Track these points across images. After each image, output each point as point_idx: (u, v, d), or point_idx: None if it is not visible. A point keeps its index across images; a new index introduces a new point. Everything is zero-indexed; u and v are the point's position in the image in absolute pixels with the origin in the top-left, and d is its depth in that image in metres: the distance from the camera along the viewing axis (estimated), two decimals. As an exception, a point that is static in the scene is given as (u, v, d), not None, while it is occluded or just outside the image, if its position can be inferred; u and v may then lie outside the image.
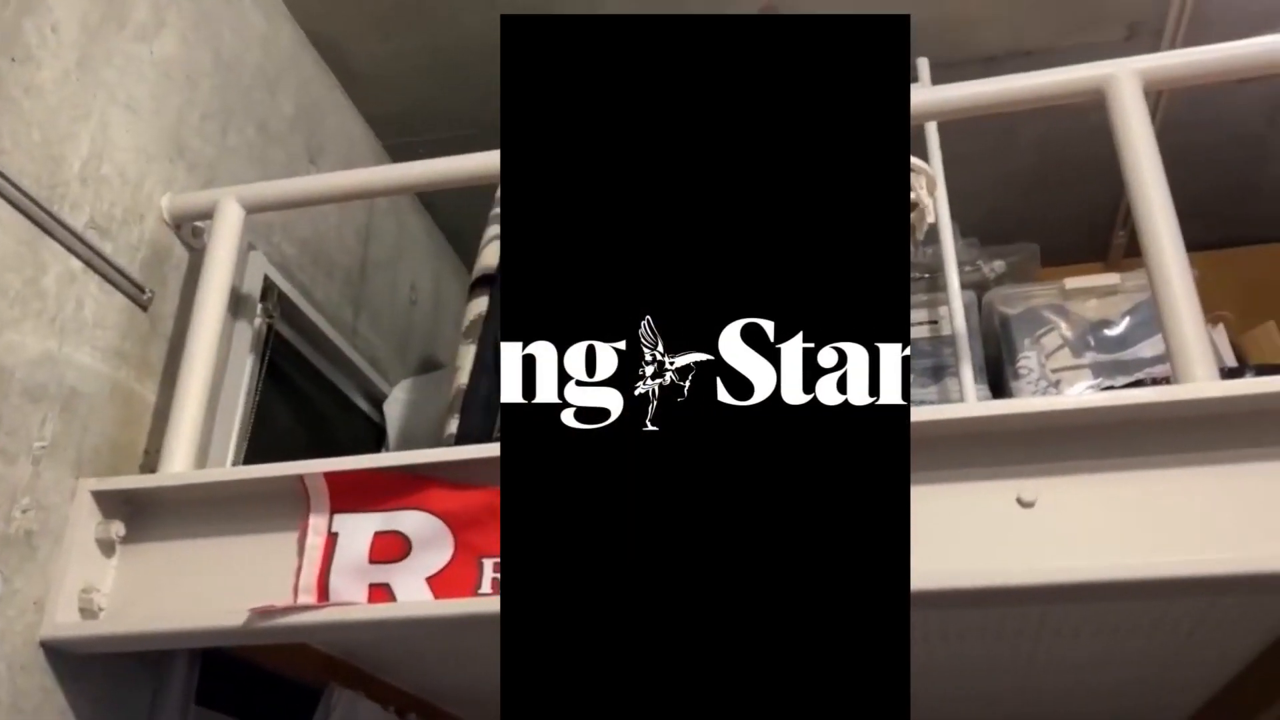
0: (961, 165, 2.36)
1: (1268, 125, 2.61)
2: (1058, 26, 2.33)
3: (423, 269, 2.89)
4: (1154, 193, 1.30)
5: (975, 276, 2.54)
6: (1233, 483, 1.17)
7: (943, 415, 1.22)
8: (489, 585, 1.33)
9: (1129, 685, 2.00)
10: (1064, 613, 1.61)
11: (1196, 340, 1.20)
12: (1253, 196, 2.87)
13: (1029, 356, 2.37)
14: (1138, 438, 1.19)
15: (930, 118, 1.97)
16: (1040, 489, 1.20)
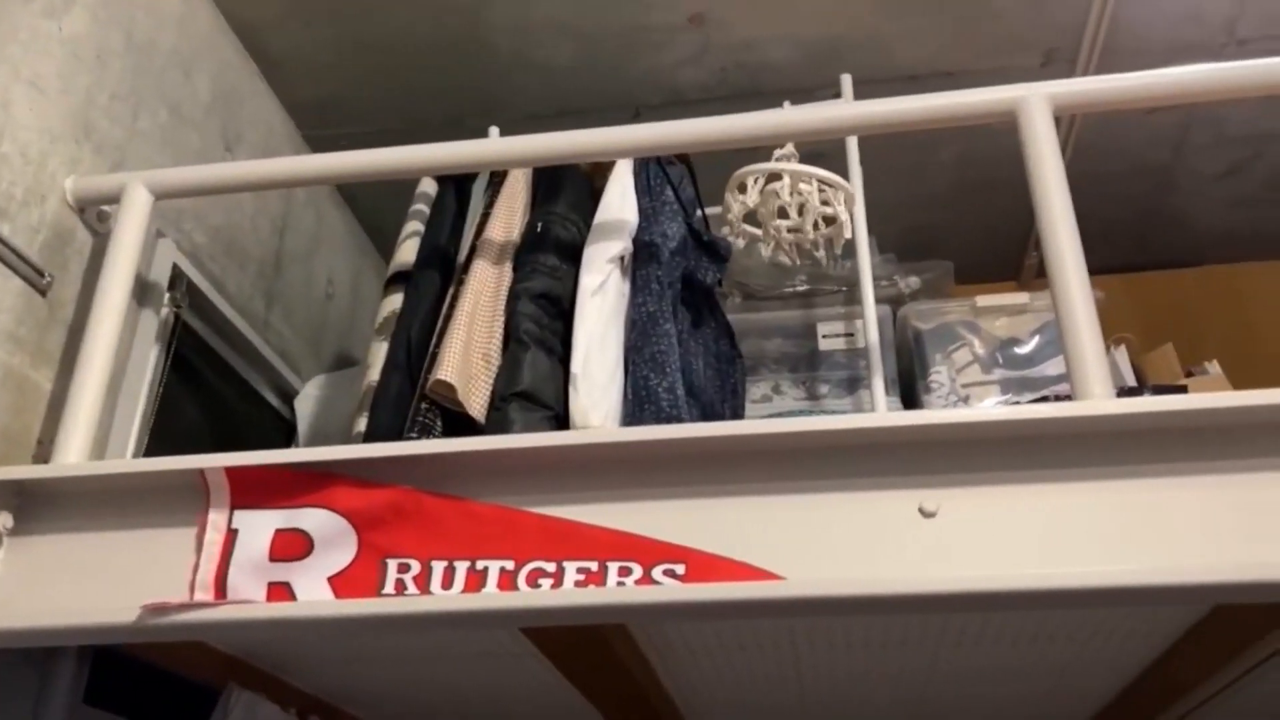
0: (881, 182, 2.41)
1: (1172, 155, 2.71)
2: (978, 50, 2.39)
3: (341, 263, 2.84)
4: (1059, 214, 1.34)
5: (891, 291, 2.59)
6: (1126, 497, 1.20)
7: (847, 425, 1.24)
8: (392, 586, 1.31)
9: (1026, 695, 2.06)
10: (964, 622, 1.64)
11: (1095, 359, 1.24)
12: (1157, 223, 2.98)
13: (940, 371, 2.42)
14: (1037, 451, 1.22)
15: (850, 132, 2.00)
16: (942, 499, 1.22)
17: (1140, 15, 2.28)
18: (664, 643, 1.77)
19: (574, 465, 1.30)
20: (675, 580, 1.23)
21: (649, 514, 1.27)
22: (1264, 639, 1.50)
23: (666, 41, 2.40)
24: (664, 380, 1.58)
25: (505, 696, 2.12)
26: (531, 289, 1.65)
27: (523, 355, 1.57)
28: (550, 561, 1.27)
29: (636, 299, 1.68)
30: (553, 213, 1.78)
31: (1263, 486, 1.17)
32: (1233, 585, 1.16)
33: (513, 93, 2.51)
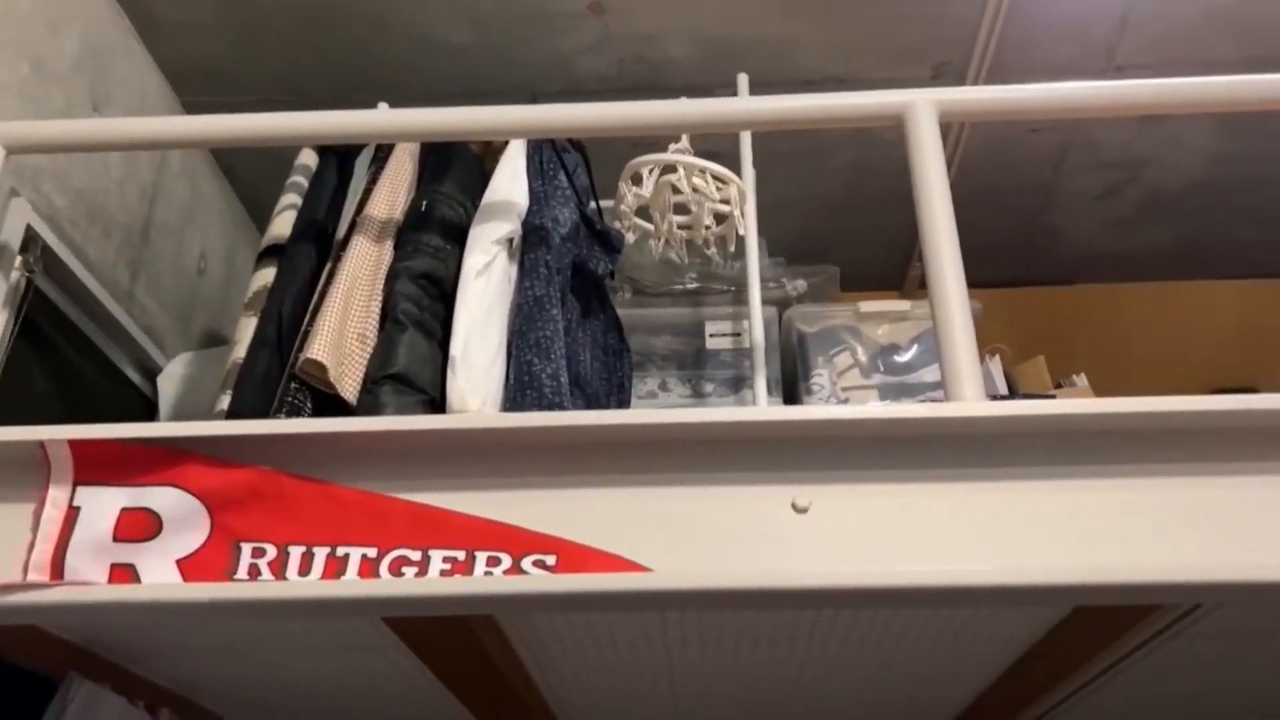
0: (774, 185, 2.43)
1: (1053, 173, 2.81)
2: (872, 59, 2.43)
3: (216, 237, 2.71)
4: (940, 217, 1.36)
5: (778, 293, 2.61)
6: (992, 497, 1.22)
7: (722, 419, 1.23)
8: (245, 571, 1.24)
9: (895, 693, 2.09)
10: (834, 620, 1.66)
11: (968, 362, 1.26)
12: (1036, 240, 3.08)
13: (822, 374, 2.45)
14: (908, 451, 1.23)
15: (743, 127, 2.00)
16: (814, 495, 1.22)
17: (1026, 36, 2.34)
18: (534, 636, 1.74)
19: (446, 451, 1.26)
20: (545, 571, 1.20)
21: (522, 503, 1.23)
22: (1121, 639, 1.55)
23: (567, 28, 2.37)
24: (548, 366, 1.54)
25: (370, 691, 2.06)
26: (412, 268, 1.60)
27: (399, 336, 1.51)
28: (416, 549, 1.22)
29: (524, 283, 1.64)
30: (439, 192, 1.73)
31: (1121, 490, 1.20)
32: (1092, 586, 1.18)
33: (405, 71, 2.44)
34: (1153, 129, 2.64)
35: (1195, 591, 1.22)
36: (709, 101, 1.68)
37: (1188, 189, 2.86)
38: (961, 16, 2.31)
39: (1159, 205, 2.92)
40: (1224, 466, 1.19)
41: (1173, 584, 1.15)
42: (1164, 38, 2.36)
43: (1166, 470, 1.20)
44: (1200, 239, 3.07)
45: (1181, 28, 2.35)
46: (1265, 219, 3.00)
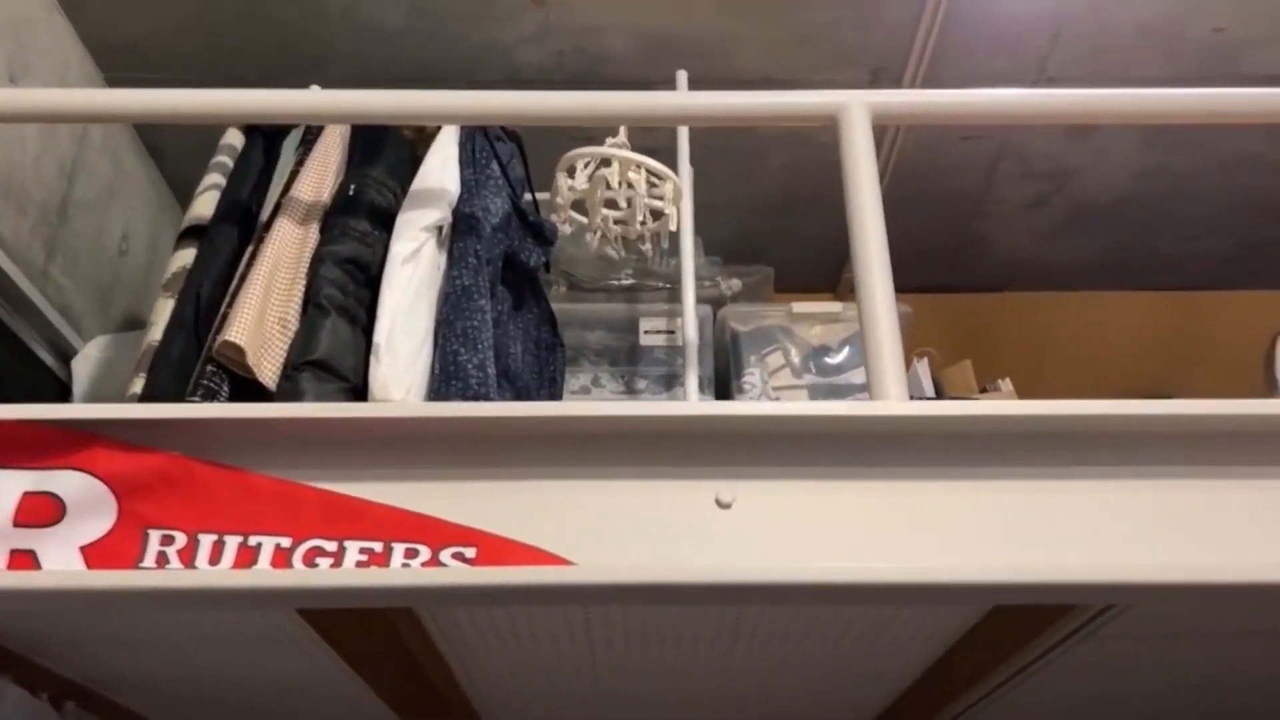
0: (712, 185, 2.44)
1: (984, 182, 2.86)
2: (810, 62, 2.45)
3: (139, 218, 2.64)
4: (870, 220, 1.37)
5: (713, 292, 2.62)
6: (914, 497, 1.23)
7: (647, 412, 1.22)
8: (152, 559, 1.20)
9: (818, 690, 2.11)
10: (757, 617, 1.66)
11: (892, 362, 1.26)
12: (966, 247, 3.13)
13: (753, 373, 2.46)
14: (833, 449, 1.23)
15: (679, 122, 2.00)
16: (738, 491, 1.21)
17: (961, 45, 2.38)
18: (455, 630, 1.71)
19: (365, 440, 1.23)
20: (464, 564, 1.18)
21: (442, 494, 1.21)
22: (1039, 637, 1.58)
23: (507, 18, 2.34)
24: (474, 356, 1.52)
25: (288, 684, 2.01)
26: (338, 253, 1.57)
27: (322, 321, 1.48)
28: (331, 540, 1.19)
29: (452, 271, 1.62)
30: (369, 176, 1.70)
31: (1040, 492, 1.21)
32: (1010, 586, 1.20)
33: (338, 53, 2.40)
34: (1082, 141, 2.70)
35: (1107, 592, 1.23)
36: (644, 95, 1.66)
37: (1113, 202, 2.94)
38: (898, 23, 2.34)
39: (1085, 217, 2.99)
40: (1138, 470, 1.21)
41: (1086, 585, 1.17)
42: (1095, 52, 2.42)
43: (1082, 473, 1.21)
44: (1123, 251, 3.15)
45: (1112, 43, 2.40)
46: (1185, 234, 3.09)
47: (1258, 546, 1.21)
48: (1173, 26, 2.36)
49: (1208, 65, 2.45)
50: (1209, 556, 1.19)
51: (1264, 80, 2.50)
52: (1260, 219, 3.03)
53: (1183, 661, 1.81)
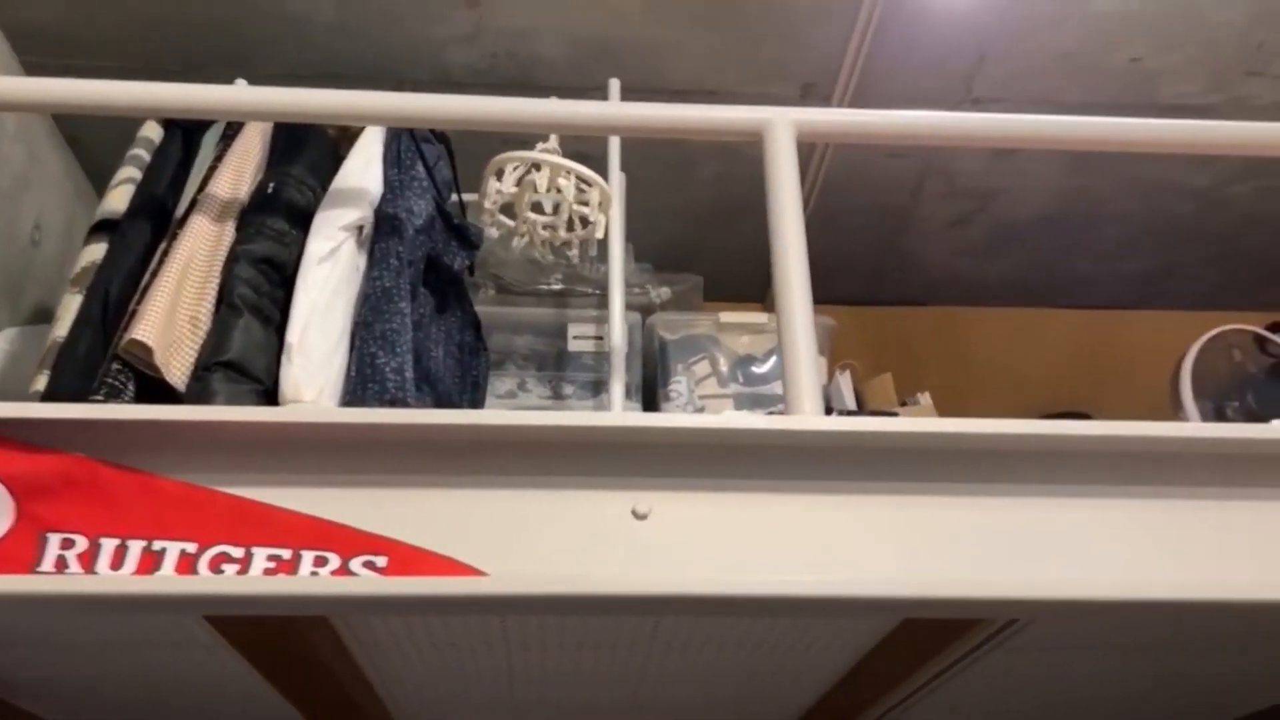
0: (644, 192, 2.44)
1: (910, 199, 2.91)
2: (742, 75, 2.47)
3: (54, 209, 2.55)
4: (791, 235, 1.38)
5: (642, 299, 2.63)
6: (827, 510, 1.24)
7: (563, 422, 1.21)
8: (51, 563, 1.16)
9: (734, 699, 2.12)
10: (674, 626, 1.66)
11: (808, 377, 1.28)
12: (892, 262, 3.19)
13: (680, 381, 2.47)
14: (749, 461, 1.24)
15: (609, 131, 2.00)
16: (655, 502, 1.21)
17: (889, 65, 2.42)
18: (370, 638, 1.68)
19: (276, 444, 1.20)
20: (375, 573, 1.16)
21: (354, 502, 1.19)
22: (945, 650, 1.60)
23: (439, 17, 2.32)
24: (392, 359, 1.50)
25: (200, 690, 1.96)
26: (253, 252, 1.53)
27: (234, 321, 1.45)
28: (238, 546, 1.17)
29: (372, 273, 1.60)
30: (288, 174, 1.66)
31: (949, 507, 1.24)
32: (918, 600, 1.22)
33: (265, 47, 2.35)
34: (1004, 163, 2.77)
35: (1011, 607, 1.27)
36: (574, 104, 1.66)
37: (1034, 221, 3.01)
38: (829, 41, 2.37)
39: (1007, 235, 3.06)
40: (1042, 488, 1.24)
41: (990, 600, 1.19)
42: (1017, 76, 2.48)
43: (990, 489, 1.24)
44: (1043, 270, 3.23)
45: (1034, 68, 2.47)
46: (1102, 254, 3.18)
47: (1158, 563, 1.25)
48: (1092, 55, 2.43)
49: (1126, 93, 2.53)
50: (1111, 574, 1.23)
51: (1178, 109, 2.59)
52: (1173, 241, 3.13)
53: (1086, 673, 1.86)
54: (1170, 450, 1.28)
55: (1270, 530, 1.28)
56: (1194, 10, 2.33)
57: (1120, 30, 2.37)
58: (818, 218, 2.91)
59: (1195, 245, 3.15)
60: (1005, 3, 2.30)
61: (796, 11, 2.30)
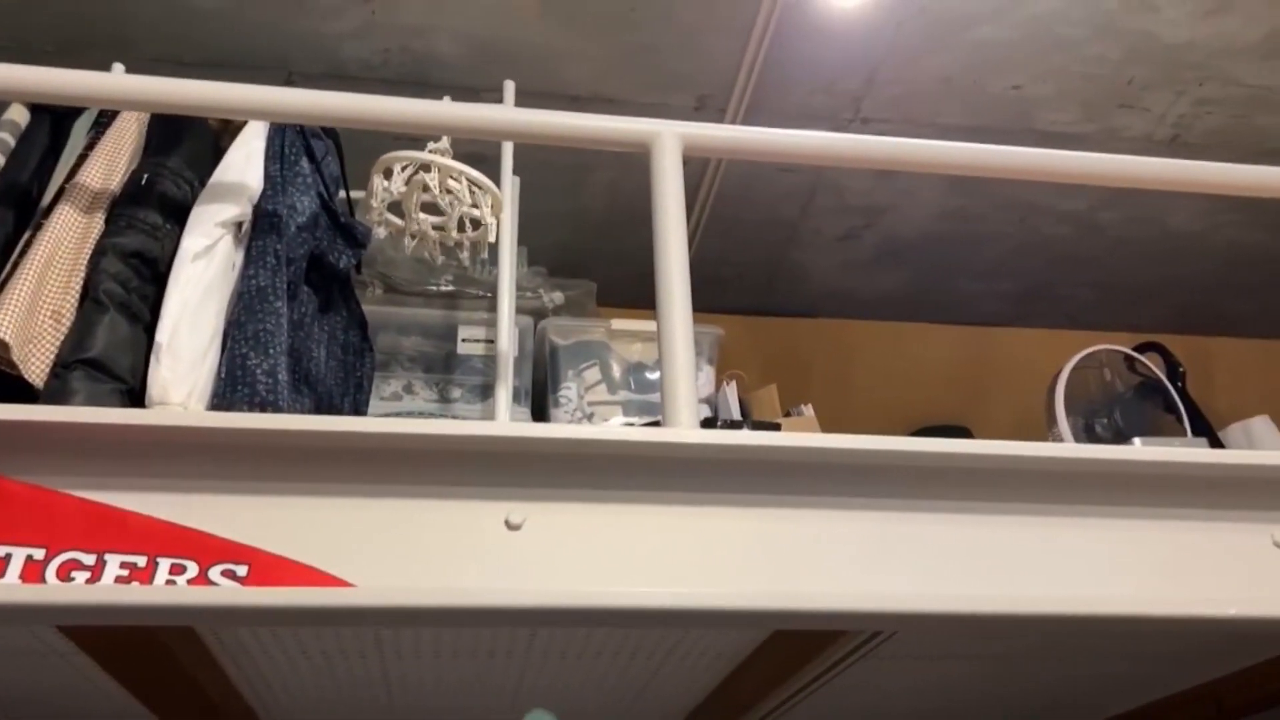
0: (540, 196, 2.43)
1: (800, 213, 2.96)
2: (639, 83, 2.48)
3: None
4: (674, 248, 1.40)
5: (535, 303, 2.61)
6: (700, 522, 1.26)
7: (434, 430, 1.20)
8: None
9: (613, 706, 2.13)
10: (551, 635, 1.66)
11: (685, 391, 1.29)
12: (784, 273, 3.24)
13: (570, 387, 2.47)
14: (623, 473, 1.25)
15: (498, 136, 1.99)
16: (529, 513, 1.21)
17: (782, 81, 2.47)
18: (237, 646, 1.64)
19: (134, 447, 1.17)
20: (235, 582, 1.13)
21: (217, 508, 1.16)
22: (815, 659, 1.64)
23: (331, 10, 2.27)
24: (264, 361, 1.46)
25: (58, 701, 1.88)
26: (122, 245, 1.47)
27: (99, 318, 1.39)
28: (90, 553, 1.12)
29: (248, 271, 1.55)
30: (164, 165, 1.61)
31: (816, 521, 1.26)
32: (783, 612, 1.24)
33: (146, 30, 2.27)
34: (891, 181, 2.84)
35: (873, 620, 1.30)
36: (465, 106, 1.65)
37: (918, 239, 3.10)
38: (724, 55, 2.40)
39: (893, 251, 3.15)
40: (906, 503, 1.28)
41: (854, 612, 1.22)
42: (904, 98, 2.55)
43: (856, 504, 1.27)
44: (926, 286, 3.33)
45: (920, 91, 2.54)
46: (983, 272, 3.29)
47: (1014, 578, 1.30)
48: (974, 81, 2.51)
49: (1005, 119, 2.63)
50: (971, 587, 1.27)
51: (1054, 136, 2.70)
52: (1049, 262, 3.26)
53: (952, 680, 1.92)
54: (1029, 468, 1.34)
55: (1118, 546, 1.34)
56: (1071, 44, 2.43)
57: (1002, 59, 2.46)
58: (712, 227, 2.94)
59: (1070, 266, 3.28)
60: (894, 27, 2.36)
61: (693, 24, 2.32)
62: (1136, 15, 2.35)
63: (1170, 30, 2.39)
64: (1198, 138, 2.73)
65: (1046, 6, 2.32)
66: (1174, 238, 3.15)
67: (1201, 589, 1.35)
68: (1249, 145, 2.74)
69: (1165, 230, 3.13)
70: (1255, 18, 2.35)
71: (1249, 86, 2.55)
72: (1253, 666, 1.83)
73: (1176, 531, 1.38)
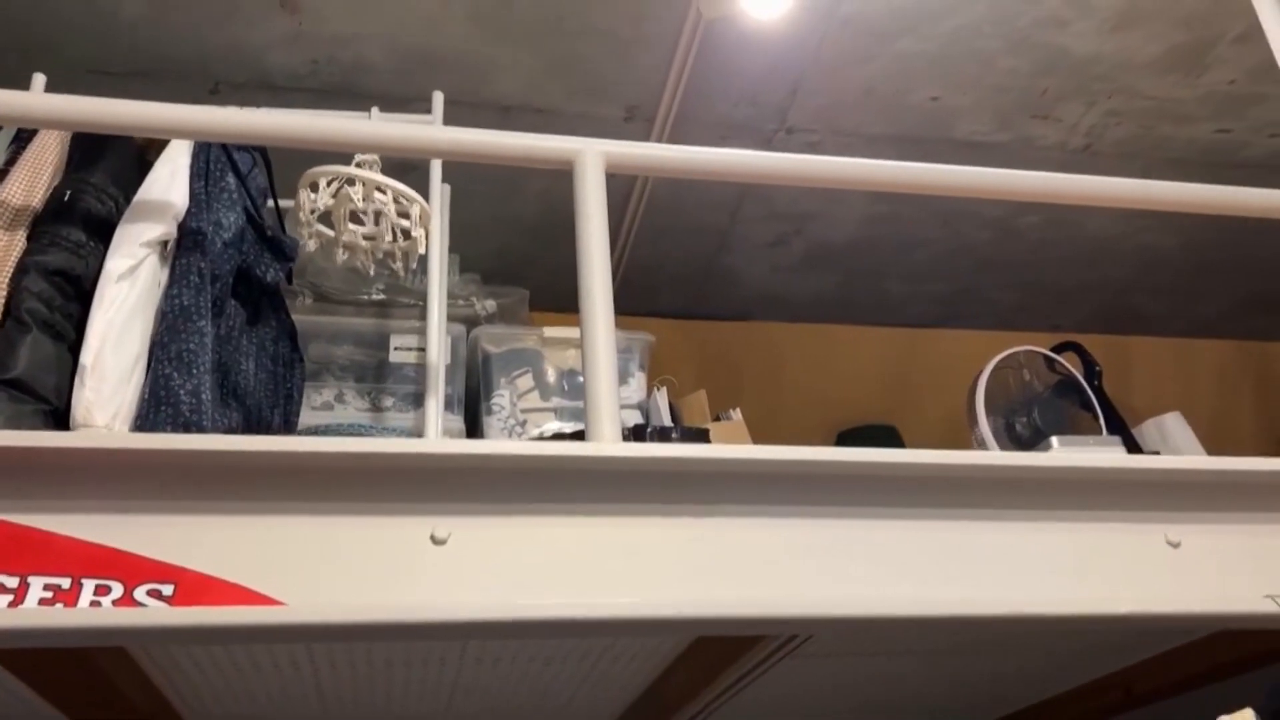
0: (474, 202, 2.45)
1: (730, 220, 3.02)
2: (568, 93, 2.51)
3: None
4: (596, 265, 1.43)
5: (467, 311, 2.63)
6: (622, 533, 1.29)
7: (358, 449, 1.23)
8: None
9: (544, 709, 2.16)
10: (482, 645, 1.69)
11: (607, 404, 1.32)
12: (714, 279, 3.29)
13: (503, 395, 2.49)
14: (547, 485, 1.28)
15: (424, 154, 2.01)
16: (454, 527, 1.24)
17: (709, 91, 2.52)
18: (170, 663, 1.64)
19: (56, 469, 1.17)
20: (162, 602, 1.14)
21: (139, 528, 1.17)
22: (737, 662, 1.69)
23: (257, 19, 2.27)
24: (188, 382, 1.47)
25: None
26: (45, 264, 1.47)
27: (21, 337, 1.39)
28: (13, 576, 1.13)
29: (171, 290, 1.55)
30: (88, 182, 1.60)
31: (733, 529, 1.31)
32: (702, 619, 1.29)
33: (68, 37, 2.24)
34: (818, 189, 2.90)
35: (789, 624, 1.35)
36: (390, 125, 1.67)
37: (846, 244, 3.17)
38: (652, 65, 2.44)
39: (821, 256, 3.22)
40: (818, 510, 1.33)
41: (769, 618, 1.27)
42: (828, 108, 2.61)
43: (771, 510, 1.32)
44: (856, 288, 3.41)
45: (843, 101, 2.61)
46: (911, 275, 3.38)
47: (927, 581, 1.35)
48: (895, 92, 2.58)
49: (925, 128, 2.71)
50: (883, 590, 1.33)
51: (971, 145, 2.79)
52: (973, 266, 3.36)
53: (872, 676, 1.99)
54: (940, 475, 1.40)
55: (1027, 548, 1.41)
56: (985, 57, 2.51)
57: (921, 71, 2.53)
58: (644, 234, 2.99)
59: (993, 270, 3.38)
60: (818, 39, 2.42)
61: (621, 36, 2.35)
62: (1047, 30, 2.44)
63: (1079, 44, 2.48)
64: (1108, 146, 2.84)
65: (963, 20, 2.40)
66: (1092, 241, 3.27)
67: (1103, 587, 1.43)
68: (1155, 154, 2.86)
69: (1083, 234, 3.24)
70: (1155, 35, 2.46)
71: (1152, 99, 2.66)
72: (1158, 655, 1.92)
73: (1080, 533, 1.45)
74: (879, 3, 2.32)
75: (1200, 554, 1.48)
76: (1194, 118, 2.75)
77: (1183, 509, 1.50)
